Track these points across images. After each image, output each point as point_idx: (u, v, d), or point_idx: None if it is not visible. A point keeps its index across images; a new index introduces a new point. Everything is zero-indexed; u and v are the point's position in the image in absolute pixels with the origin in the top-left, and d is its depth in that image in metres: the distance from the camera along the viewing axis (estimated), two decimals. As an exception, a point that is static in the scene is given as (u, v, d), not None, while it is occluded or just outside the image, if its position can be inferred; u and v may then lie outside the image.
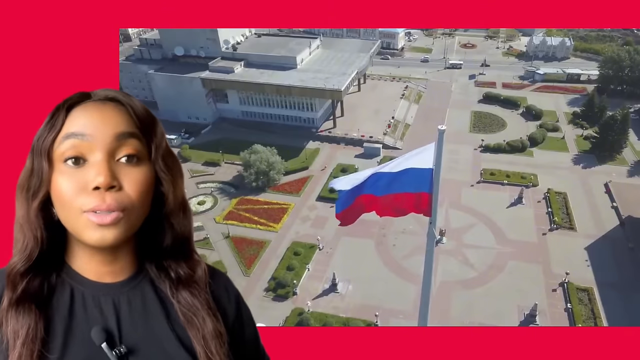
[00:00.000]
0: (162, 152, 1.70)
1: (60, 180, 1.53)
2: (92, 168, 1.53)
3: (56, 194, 1.55)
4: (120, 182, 1.55)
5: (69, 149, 1.53)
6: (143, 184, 1.61)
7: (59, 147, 1.54)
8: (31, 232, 1.58)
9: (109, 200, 1.51)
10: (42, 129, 1.59)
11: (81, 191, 1.51)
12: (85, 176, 1.52)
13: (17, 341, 1.47)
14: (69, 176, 1.53)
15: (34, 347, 1.48)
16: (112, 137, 1.56)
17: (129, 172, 1.58)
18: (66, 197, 1.52)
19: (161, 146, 1.70)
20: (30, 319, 1.51)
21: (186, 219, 1.81)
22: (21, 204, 1.60)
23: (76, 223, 1.53)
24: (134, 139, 1.60)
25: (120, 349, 1.58)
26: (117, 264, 1.70)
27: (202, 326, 1.71)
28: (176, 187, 1.74)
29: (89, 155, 1.54)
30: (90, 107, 1.61)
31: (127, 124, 1.61)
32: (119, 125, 1.59)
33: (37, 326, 1.51)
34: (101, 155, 1.53)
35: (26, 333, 1.48)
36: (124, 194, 1.55)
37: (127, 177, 1.57)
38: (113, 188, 1.53)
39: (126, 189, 1.56)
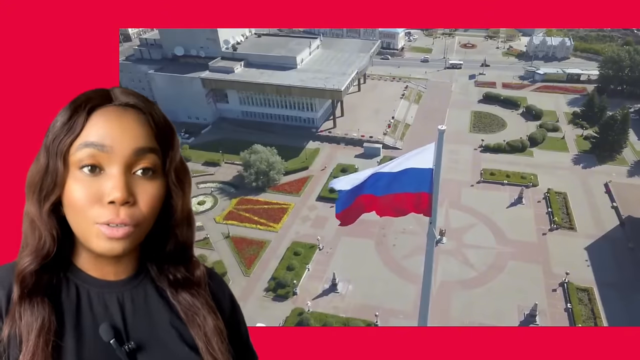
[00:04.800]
0: (176, 165, 1.72)
1: (75, 187, 1.53)
2: (108, 180, 1.53)
3: (70, 200, 1.55)
4: (135, 197, 1.57)
5: (87, 157, 1.52)
6: (156, 199, 1.63)
7: (76, 154, 1.53)
8: (47, 230, 1.59)
9: (123, 215, 1.53)
10: (59, 129, 1.55)
11: (96, 202, 1.52)
12: (100, 187, 1.52)
13: (32, 334, 1.48)
14: (84, 184, 1.53)
15: (49, 338, 1.49)
16: (131, 151, 1.56)
17: (143, 186, 1.59)
18: (80, 205, 1.53)
19: (175, 159, 1.71)
20: (44, 311, 1.53)
21: (190, 230, 1.84)
22: (33, 202, 1.60)
23: (87, 232, 1.55)
24: (152, 154, 1.61)
25: (129, 345, 1.61)
26: (121, 264, 1.74)
27: (204, 324, 1.76)
28: (185, 199, 1.77)
29: (106, 166, 1.54)
30: (111, 114, 1.59)
31: (146, 138, 1.60)
32: (138, 139, 1.58)
33: (50, 318, 1.53)
34: (118, 168, 1.53)
35: (41, 325, 1.50)
36: (137, 210, 1.57)
37: (141, 192, 1.59)
38: (127, 203, 1.54)
39: (140, 204, 1.58)
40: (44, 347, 1.47)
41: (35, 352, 1.45)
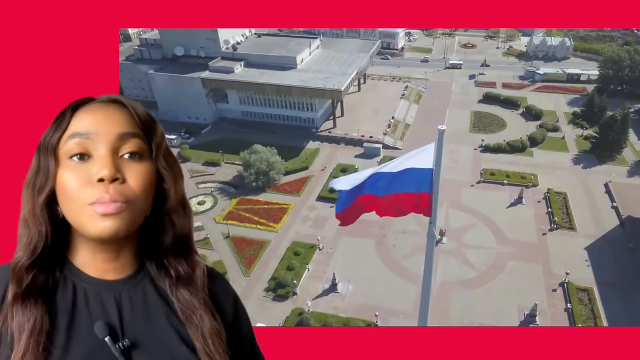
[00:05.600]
0: (163, 151, 1.78)
1: (66, 175, 1.59)
2: (96, 162, 1.59)
3: (61, 189, 1.60)
4: (124, 175, 1.62)
5: (75, 146, 1.60)
6: (145, 177, 1.67)
7: (65, 145, 1.61)
8: (36, 226, 1.63)
9: (112, 191, 1.57)
10: (48, 130, 1.65)
11: (86, 184, 1.57)
12: (90, 170, 1.58)
13: (23, 334, 1.50)
14: (75, 171, 1.59)
15: (40, 339, 1.51)
16: (116, 136, 1.63)
17: (132, 167, 1.65)
18: (71, 190, 1.58)
19: (162, 145, 1.78)
20: (36, 312, 1.54)
21: (186, 217, 1.86)
22: (27, 200, 1.65)
23: (81, 215, 1.58)
24: (136, 139, 1.68)
25: (123, 343, 1.62)
26: (119, 261, 1.75)
27: (201, 323, 1.76)
28: (177, 184, 1.82)
29: (94, 151, 1.60)
30: (95, 107, 1.69)
31: (130, 124, 1.68)
32: (122, 125, 1.66)
33: (42, 319, 1.54)
34: (105, 150, 1.60)
35: (32, 326, 1.51)
36: (127, 187, 1.61)
37: (130, 171, 1.64)
38: (117, 180, 1.59)
39: (129, 181, 1.63)
40: (34, 349, 1.48)
41: (25, 353, 1.47)
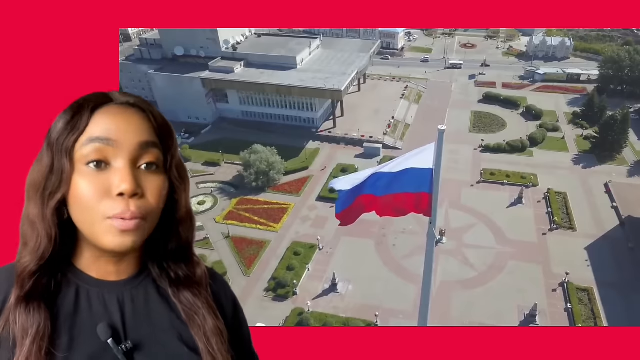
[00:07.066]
0: (176, 162, 1.75)
1: (82, 183, 1.53)
2: (115, 174, 1.53)
3: (77, 197, 1.54)
4: (143, 189, 1.58)
5: (93, 152, 1.53)
6: (162, 191, 1.64)
7: (82, 149, 1.53)
8: (45, 231, 1.58)
9: (133, 207, 1.53)
10: (62, 128, 1.56)
11: (104, 196, 1.52)
12: (108, 181, 1.53)
13: (26, 339, 1.48)
14: (91, 179, 1.52)
15: (43, 344, 1.49)
16: (136, 145, 1.58)
17: (149, 179, 1.61)
18: (88, 200, 1.52)
19: (175, 155, 1.75)
20: (39, 316, 1.52)
21: (192, 228, 1.86)
22: (35, 201, 1.58)
23: (96, 227, 1.54)
24: (155, 149, 1.63)
25: (126, 345, 1.61)
26: (122, 264, 1.73)
27: (204, 324, 1.75)
28: (186, 195, 1.81)
29: (112, 160, 1.54)
30: (115, 111, 1.61)
31: (148, 132, 1.63)
32: (142, 133, 1.61)
33: (45, 324, 1.52)
34: (125, 161, 1.54)
35: (36, 331, 1.49)
36: (146, 202, 1.58)
37: (148, 184, 1.60)
38: (136, 195, 1.55)
39: (147, 196, 1.59)
40: (37, 353, 1.47)
41: (28, 358, 1.46)
